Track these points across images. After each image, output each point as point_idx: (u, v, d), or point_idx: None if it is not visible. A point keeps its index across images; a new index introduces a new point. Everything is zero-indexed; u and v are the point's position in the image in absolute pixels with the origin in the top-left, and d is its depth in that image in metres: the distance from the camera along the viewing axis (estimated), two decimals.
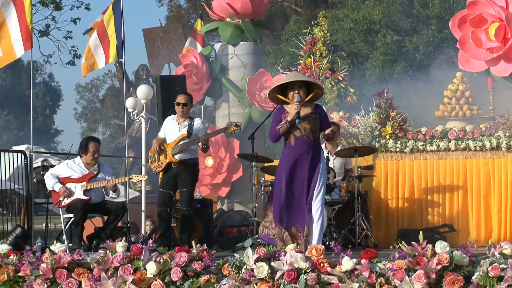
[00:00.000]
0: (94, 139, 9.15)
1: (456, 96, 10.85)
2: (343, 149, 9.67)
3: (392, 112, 10.18)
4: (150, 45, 16.56)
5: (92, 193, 8.78)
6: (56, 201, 8.82)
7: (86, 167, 8.91)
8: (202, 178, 11.71)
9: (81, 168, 8.89)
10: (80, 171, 8.86)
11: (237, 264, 5.65)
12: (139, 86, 11.69)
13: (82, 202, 8.63)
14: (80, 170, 8.87)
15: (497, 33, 9.60)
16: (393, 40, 21.25)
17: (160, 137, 8.97)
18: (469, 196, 9.75)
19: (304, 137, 7.10)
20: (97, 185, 8.75)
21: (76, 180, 8.80)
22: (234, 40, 12.27)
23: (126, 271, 5.82)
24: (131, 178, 8.98)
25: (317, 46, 11.81)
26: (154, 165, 8.89)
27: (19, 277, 6.28)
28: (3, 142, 34.02)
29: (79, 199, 8.68)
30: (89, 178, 8.80)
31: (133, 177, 8.95)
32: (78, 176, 8.82)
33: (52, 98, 42.77)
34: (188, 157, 8.79)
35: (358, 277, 5.29)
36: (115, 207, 8.80)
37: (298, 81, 7.16)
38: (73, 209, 8.69)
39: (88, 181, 8.77)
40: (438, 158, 9.92)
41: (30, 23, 10.10)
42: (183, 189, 8.78)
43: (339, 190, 9.33)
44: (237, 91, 12.16)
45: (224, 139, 11.86)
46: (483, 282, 5.04)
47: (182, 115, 8.85)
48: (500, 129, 9.71)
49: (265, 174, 9.67)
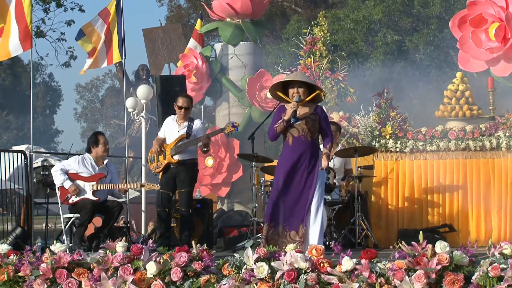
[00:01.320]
0: (102, 133, 9.38)
1: (456, 96, 10.85)
2: (343, 149, 9.67)
3: (392, 112, 10.18)
4: (150, 45, 16.54)
5: (99, 193, 8.79)
6: (64, 197, 8.78)
7: (96, 164, 8.91)
8: (202, 178, 11.72)
9: (91, 164, 8.90)
10: (91, 168, 8.87)
11: (237, 264, 5.65)
12: (139, 86, 11.69)
13: (92, 203, 8.63)
14: (90, 166, 8.88)
15: (497, 33, 9.60)
16: (393, 40, 21.24)
17: (160, 137, 8.98)
18: (469, 196, 9.75)
19: (302, 138, 7.10)
20: (106, 187, 8.75)
21: (85, 178, 8.79)
22: (234, 40, 12.28)
23: (126, 271, 5.81)
24: (143, 185, 9.00)
25: (317, 46, 11.81)
26: (153, 165, 8.90)
27: (19, 277, 6.27)
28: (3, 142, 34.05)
29: (88, 199, 8.67)
30: (99, 178, 8.80)
31: (146, 185, 8.96)
32: (88, 174, 8.82)
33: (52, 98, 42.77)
34: (187, 158, 8.79)
35: (358, 277, 5.29)
36: (111, 205, 8.80)
37: (298, 80, 7.16)
38: (81, 209, 8.67)
39: (98, 181, 8.76)
40: (438, 158, 9.92)
41: (30, 23, 10.10)
42: (182, 189, 8.78)
43: (339, 190, 9.33)
44: (237, 91, 12.16)
45: (224, 139, 11.86)
46: (483, 282, 5.04)
47: (181, 118, 8.89)
48: (500, 129, 9.71)
49: (265, 174, 9.67)
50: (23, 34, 10.08)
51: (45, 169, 10.04)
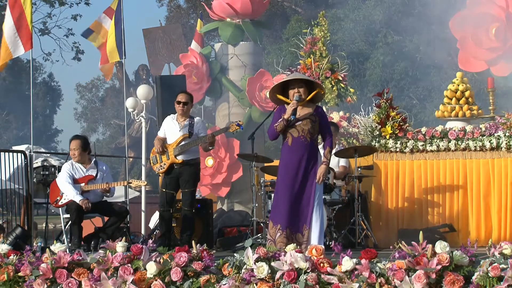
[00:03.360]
0: (75, 137, 9.07)
1: (456, 96, 10.84)
2: (343, 149, 9.67)
3: (392, 112, 10.18)
4: (150, 45, 16.57)
5: (91, 193, 8.77)
6: (54, 200, 8.81)
7: (83, 166, 8.89)
8: (202, 178, 11.72)
9: (80, 168, 8.88)
10: (80, 171, 8.86)
11: (237, 264, 5.65)
12: (139, 86, 11.70)
13: (76, 203, 8.60)
14: (79, 170, 8.87)
15: (497, 33, 9.60)
16: (394, 40, 21.25)
17: (160, 137, 8.95)
18: (469, 196, 9.74)
19: (301, 138, 7.08)
20: (95, 187, 8.74)
21: (77, 180, 8.80)
22: (234, 40, 12.28)
23: (126, 271, 5.81)
24: (130, 182, 8.98)
25: (317, 46, 11.81)
26: (157, 166, 8.87)
27: (19, 277, 6.27)
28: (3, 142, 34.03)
29: (74, 201, 8.65)
30: (88, 180, 8.79)
31: (132, 182, 8.94)
32: (80, 176, 8.82)
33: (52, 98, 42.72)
34: (191, 158, 8.78)
35: (358, 277, 5.29)
36: (119, 209, 8.82)
37: (298, 80, 7.15)
38: (68, 210, 8.69)
39: (87, 182, 8.76)
40: (438, 158, 9.91)
41: (30, 23, 10.11)
42: (185, 189, 8.77)
43: (339, 190, 9.34)
44: (237, 91, 12.16)
45: (224, 139, 11.86)
46: (483, 282, 5.04)
47: (182, 114, 8.84)
48: (500, 129, 9.70)
49: (265, 174, 9.67)
50: (23, 34, 10.09)
51: (45, 169, 10.04)
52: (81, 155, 8.86)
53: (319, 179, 7.06)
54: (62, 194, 8.73)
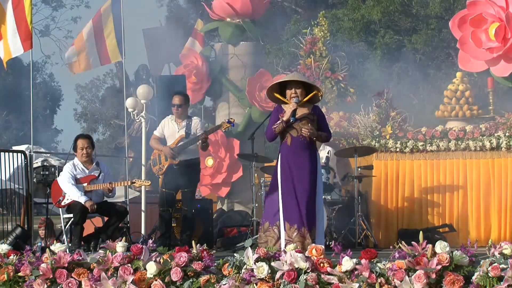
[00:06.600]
0: (83, 136, 9.09)
1: (456, 96, 10.85)
2: (343, 149, 9.67)
3: (392, 112, 10.19)
4: (150, 45, 16.55)
5: (93, 193, 8.77)
6: (56, 200, 8.81)
7: (85, 167, 8.89)
8: (202, 178, 11.71)
9: (82, 168, 8.87)
10: (82, 172, 8.85)
11: (237, 264, 5.64)
12: (139, 86, 11.69)
13: (81, 204, 8.60)
14: (81, 171, 8.86)
15: (497, 33, 9.60)
16: (393, 40, 21.24)
17: (156, 136, 8.99)
18: (469, 196, 9.75)
19: (300, 138, 7.08)
20: (98, 187, 8.74)
21: (79, 180, 8.79)
22: (234, 40, 12.28)
23: (126, 271, 5.81)
24: (133, 182, 8.97)
25: (317, 46, 11.81)
26: (156, 168, 8.91)
27: (19, 277, 6.27)
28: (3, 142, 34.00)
29: (78, 201, 8.66)
30: (91, 180, 8.79)
31: (136, 182, 8.94)
32: (81, 176, 8.82)
33: (52, 98, 42.69)
34: (189, 158, 8.80)
35: (358, 277, 5.29)
36: (119, 208, 8.81)
37: (296, 81, 7.15)
38: (72, 210, 8.69)
39: (89, 182, 8.76)
40: (438, 158, 9.92)
41: (30, 23, 10.10)
42: (185, 189, 8.79)
43: (339, 190, 9.34)
44: (237, 91, 12.16)
45: (224, 139, 11.86)
46: (483, 282, 5.04)
47: (178, 116, 8.88)
48: (500, 129, 9.71)
49: (265, 174, 9.68)
50: (23, 34, 10.08)
51: (45, 169, 10.03)
52: (90, 154, 8.88)
53: (307, 133, 7.01)
54: (64, 194, 8.73)
